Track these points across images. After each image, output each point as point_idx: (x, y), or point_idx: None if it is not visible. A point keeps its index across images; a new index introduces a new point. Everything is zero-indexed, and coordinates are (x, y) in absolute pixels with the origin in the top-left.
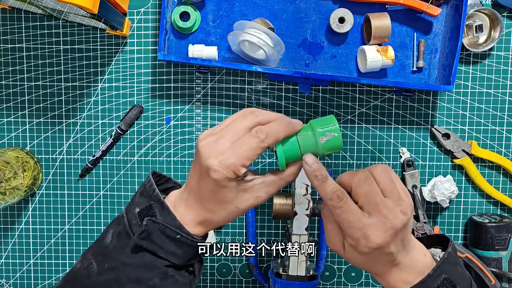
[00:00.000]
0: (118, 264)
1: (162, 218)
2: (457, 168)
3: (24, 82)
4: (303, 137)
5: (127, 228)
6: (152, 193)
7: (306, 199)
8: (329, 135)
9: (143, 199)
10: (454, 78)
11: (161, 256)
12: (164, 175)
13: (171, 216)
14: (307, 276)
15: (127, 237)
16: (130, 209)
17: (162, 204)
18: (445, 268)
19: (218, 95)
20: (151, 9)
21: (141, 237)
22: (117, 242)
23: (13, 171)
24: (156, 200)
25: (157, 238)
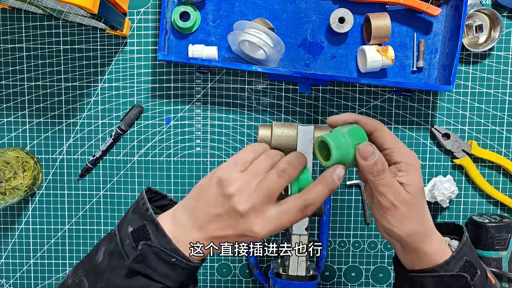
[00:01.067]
0: (110, 285)
1: (157, 241)
2: (457, 168)
3: (24, 82)
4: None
5: (120, 248)
6: (145, 212)
7: None
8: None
9: (136, 217)
10: (454, 78)
11: (155, 279)
12: (159, 192)
13: (166, 239)
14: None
15: (120, 258)
16: (122, 227)
17: (157, 226)
18: (465, 250)
19: (218, 95)
20: (151, 9)
21: (135, 261)
22: (109, 261)
23: (13, 171)
24: (150, 220)
25: (151, 261)
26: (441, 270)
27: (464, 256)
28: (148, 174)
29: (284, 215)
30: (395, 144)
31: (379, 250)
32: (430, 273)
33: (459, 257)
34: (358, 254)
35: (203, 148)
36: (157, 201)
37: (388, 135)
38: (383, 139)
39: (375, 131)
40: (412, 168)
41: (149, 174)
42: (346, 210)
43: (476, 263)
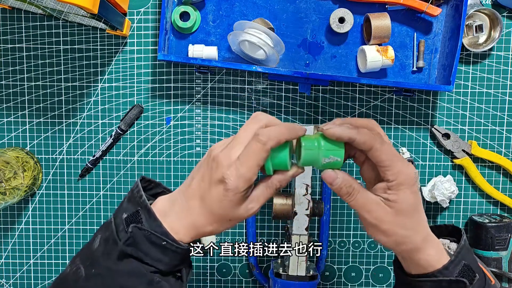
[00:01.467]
0: (104, 270)
1: (148, 225)
2: (457, 168)
3: (24, 82)
4: (307, 152)
5: (114, 234)
6: (139, 199)
7: (306, 199)
8: (333, 158)
9: (131, 205)
10: (454, 78)
11: (146, 262)
12: (153, 180)
13: (157, 223)
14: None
15: (114, 243)
16: (117, 214)
17: (148, 211)
18: (463, 254)
19: (218, 95)
20: (151, 9)
21: (126, 244)
22: (104, 247)
23: (13, 171)
24: (143, 206)
25: (142, 245)
26: (440, 275)
27: (462, 260)
28: (148, 174)
29: None
30: (391, 162)
31: (379, 250)
32: (429, 278)
33: (457, 262)
34: (358, 254)
35: (203, 148)
36: (151, 189)
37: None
38: (377, 157)
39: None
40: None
41: (149, 174)
42: (346, 210)
43: (475, 267)
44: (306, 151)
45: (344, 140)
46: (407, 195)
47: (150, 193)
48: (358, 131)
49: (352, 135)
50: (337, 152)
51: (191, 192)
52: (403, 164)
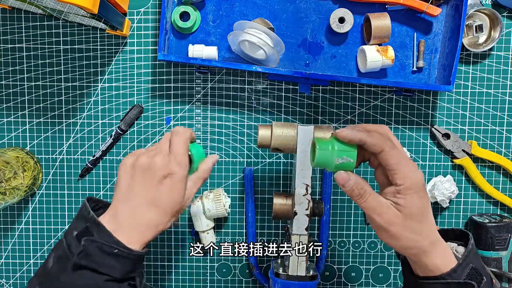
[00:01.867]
0: (59, 285)
1: (99, 237)
2: (457, 168)
3: (24, 82)
4: (322, 152)
5: (66, 250)
6: (87, 215)
7: (306, 199)
8: (346, 159)
9: (80, 222)
10: (454, 78)
11: (101, 271)
12: (101, 200)
13: (108, 233)
14: (307, 276)
15: (66, 259)
16: (68, 233)
17: (98, 225)
18: (471, 258)
19: (218, 95)
20: (151, 9)
21: (79, 257)
22: (57, 265)
23: (13, 171)
24: (92, 221)
25: (95, 256)
26: (449, 278)
27: (470, 263)
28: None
29: None
30: (399, 165)
31: (379, 250)
32: (438, 280)
33: (465, 265)
34: (358, 254)
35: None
36: (99, 209)
37: (393, 157)
38: (387, 160)
39: (381, 152)
40: (410, 191)
41: None
42: (346, 210)
43: (482, 270)
44: (321, 151)
45: (356, 142)
46: (414, 200)
47: (98, 213)
48: (369, 134)
49: (363, 137)
50: (350, 153)
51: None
52: (411, 169)
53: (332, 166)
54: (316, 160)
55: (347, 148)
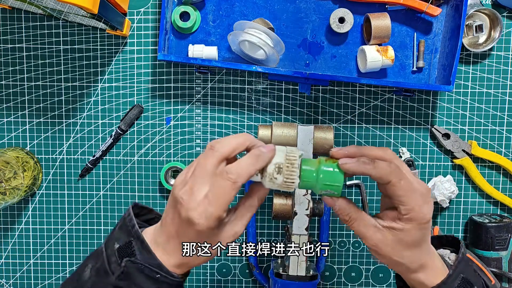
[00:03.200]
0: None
1: (141, 257)
2: (457, 168)
3: (24, 82)
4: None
5: (106, 265)
6: (131, 228)
7: (306, 199)
8: (330, 192)
9: (123, 234)
10: (454, 78)
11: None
12: (146, 207)
13: (151, 256)
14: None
15: (106, 275)
16: (109, 244)
17: (142, 242)
18: (462, 268)
19: (218, 95)
20: (151, 9)
21: (119, 278)
22: (95, 279)
23: (13, 171)
24: (136, 237)
25: (136, 278)
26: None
27: (460, 273)
28: (148, 174)
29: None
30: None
31: None
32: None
33: (456, 275)
34: (358, 254)
35: (203, 148)
36: (143, 215)
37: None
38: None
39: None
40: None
41: (149, 174)
42: None
43: (474, 279)
44: (304, 182)
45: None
46: (413, 231)
47: (142, 219)
48: (374, 165)
49: (368, 170)
50: (335, 187)
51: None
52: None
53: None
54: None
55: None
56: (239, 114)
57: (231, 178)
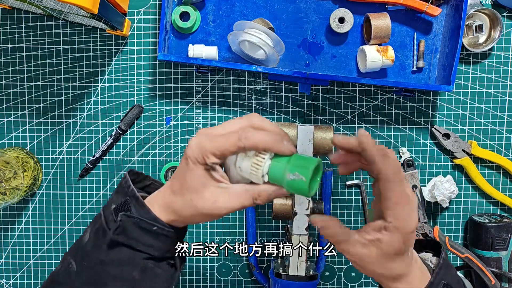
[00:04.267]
0: (96, 262)
1: (136, 212)
2: (457, 168)
3: (24, 82)
4: (275, 164)
5: (104, 225)
6: (127, 189)
7: (306, 199)
8: (297, 175)
9: (119, 196)
10: (454, 78)
11: (138, 249)
12: (141, 173)
13: (146, 209)
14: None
15: (104, 234)
16: (106, 207)
17: (137, 199)
18: (442, 273)
19: (218, 95)
20: (151, 9)
21: (116, 233)
22: (94, 240)
23: (13, 171)
24: (131, 195)
25: (132, 232)
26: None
27: (442, 280)
28: (148, 174)
29: None
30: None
31: None
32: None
33: (437, 282)
34: None
35: None
36: (139, 182)
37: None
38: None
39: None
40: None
41: (149, 174)
42: (346, 210)
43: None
44: (274, 163)
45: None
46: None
47: (138, 186)
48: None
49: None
50: (304, 170)
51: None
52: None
53: (284, 183)
54: (269, 172)
55: (303, 164)
56: (239, 114)
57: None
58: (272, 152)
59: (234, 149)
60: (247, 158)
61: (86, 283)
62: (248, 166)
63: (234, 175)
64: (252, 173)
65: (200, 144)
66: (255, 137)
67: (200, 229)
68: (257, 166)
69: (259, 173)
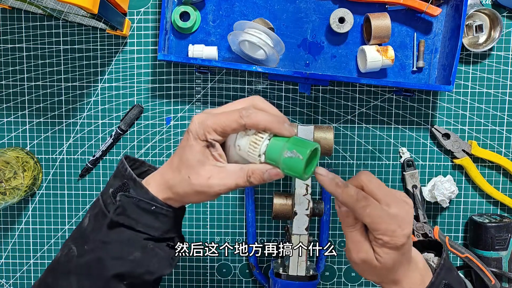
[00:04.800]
0: (97, 244)
1: (135, 193)
2: (457, 168)
3: (24, 82)
4: (274, 142)
5: (103, 208)
6: (124, 172)
7: (306, 199)
8: (295, 153)
9: (117, 180)
10: (454, 78)
11: (138, 229)
12: (138, 159)
13: (144, 190)
14: (307, 276)
15: (104, 216)
16: (105, 191)
17: (134, 180)
18: (444, 274)
19: (218, 95)
20: (151, 9)
21: (116, 213)
22: (94, 223)
23: (13, 171)
24: (129, 177)
25: (132, 212)
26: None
27: (443, 280)
28: None
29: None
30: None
31: None
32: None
33: (438, 282)
34: None
35: None
36: (137, 169)
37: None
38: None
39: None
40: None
41: None
42: None
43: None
44: (273, 141)
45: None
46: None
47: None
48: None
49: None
50: (303, 150)
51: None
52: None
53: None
54: (267, 151)
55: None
56: None
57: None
58: (272, 133)
59: (235, 126)
60: (247, 137)
61: (87, 266)
62: (247, 144)
63: (233, 155)
64: (250, 152)
65: (202, 120)
66: (257, 116)
67: (200, 229)
68: (255, 145)
69: (256, 152)
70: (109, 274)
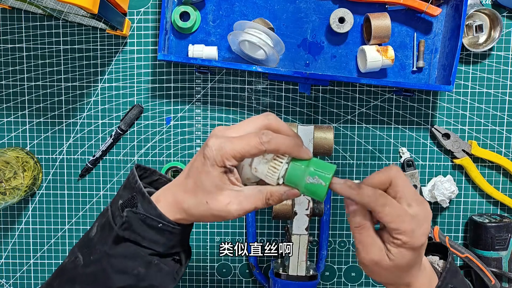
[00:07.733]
0: (103, 255)
1: (143, 208)
2: (457, 168)
3: (24, 82)
4: (294, 166)
5: (110, 220)
6: (134, 184)
7: (306, 199)
8: (317, 179)
9: (126, 191)
10: (454, 78)
11: (144, 245)
12: (148, 168)
13: (152, 206)
14: (307, 276)
15: (110, 229)
16: (114, 202)
17: (143, 195)
18: (449, 278)
19: (218, 95)
20: (151, 9)
21: (122, 228)
22: (101, 234)
23: (13, 171)
24: (138, 191)
25: (138, 228)
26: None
27: (448, 284)
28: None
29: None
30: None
31: None
32: None
33: (444, 286)
34: None
35: None
36: (147, 178)
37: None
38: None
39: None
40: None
41: None
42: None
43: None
44: (293, 165)
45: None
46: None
47: (146, 181)
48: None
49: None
50: (325, 176)
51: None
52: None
53: (302, 185)
54: (287, 174)
55: (323, 169)
56: (239, 114)
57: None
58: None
59: (254, 152)
60: (264, 161)
61: (91, 276)
62: (265, 169)
63: (246, 173)
64: (268, 175)
65: (220, 146)
66: (277, 142)
67: (200, 229)
68: (274, 169)
69: (275, 176)
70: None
